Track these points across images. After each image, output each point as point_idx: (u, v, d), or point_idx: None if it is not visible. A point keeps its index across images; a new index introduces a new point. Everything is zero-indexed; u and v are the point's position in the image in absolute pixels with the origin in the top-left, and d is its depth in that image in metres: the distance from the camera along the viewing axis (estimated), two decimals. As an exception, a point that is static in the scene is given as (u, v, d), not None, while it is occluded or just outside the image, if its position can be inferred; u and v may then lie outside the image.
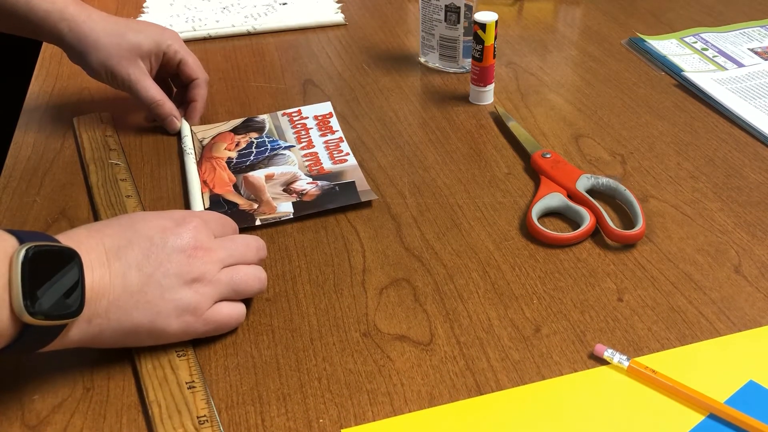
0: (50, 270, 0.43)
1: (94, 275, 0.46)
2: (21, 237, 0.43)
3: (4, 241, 0.43)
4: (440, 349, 0.51)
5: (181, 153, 0.73)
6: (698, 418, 0.46)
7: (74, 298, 0.44)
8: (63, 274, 0.44)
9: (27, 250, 0.42)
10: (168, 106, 0.75)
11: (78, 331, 0.46)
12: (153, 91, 0.74)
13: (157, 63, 0.75)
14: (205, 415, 0.46)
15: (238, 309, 0.52)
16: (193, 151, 0.71)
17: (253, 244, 0.55)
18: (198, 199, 0.65)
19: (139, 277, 0.48)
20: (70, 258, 0.45)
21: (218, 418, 0.47)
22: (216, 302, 0.51)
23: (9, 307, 0.42)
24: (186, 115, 0.77)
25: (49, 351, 0.46)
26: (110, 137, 0.75)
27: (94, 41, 0.72)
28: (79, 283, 0.45)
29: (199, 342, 0.52)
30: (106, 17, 0.74)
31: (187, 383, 0.48)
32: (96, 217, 0.64)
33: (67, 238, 0.47)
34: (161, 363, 0.50)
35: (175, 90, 0.81)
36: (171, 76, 0.79)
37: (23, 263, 0.42)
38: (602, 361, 0.50)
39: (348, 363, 0.50)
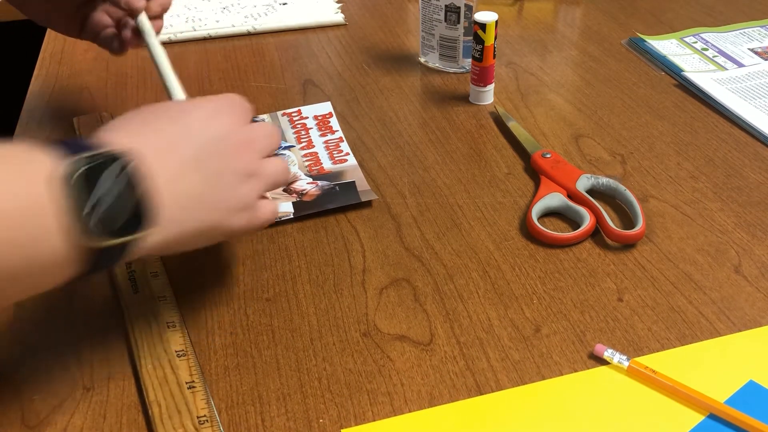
0: (116, 185, 0.40)
1: (158, 182, 0.43)
2: (66, 150, 0.39)
3: (43, 163, 0.39)
4: (440, 349, 0.51)
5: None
6: (698, 418, 0.46)
7: (141, 210, 0.42)
8: (123, 187, 0.41)
9: (79, 170, 0.39)
10: None
11: (151, 239, 0.43)
12: None
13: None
14: (205, 415, 0.46)
15: (275, 205, 0.53)
16: (153, 33, 0.65)
17: (275, 133, 0.54)
18: (176, 85, 0.60)
19: (201, 178, 0.46)
20: (126, 168, 0.41)
21: (218, 418, 0.47)
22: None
23: (72, 233, 0.38)
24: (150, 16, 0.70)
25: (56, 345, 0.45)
26: None
27: None
28: (142, 193, 0.42)
29: (200, 342, 0.52)
30: None
31: (187, 383, 0.48)
32: None
33: (119, 141, 0.43)
34: (161, 363, 0.50)
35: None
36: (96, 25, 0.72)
37: (77, 184, 0.38)
38: (602, 361, 0.50)
39: (348, 363, 0.50)
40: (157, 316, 0.53)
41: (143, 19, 0.68)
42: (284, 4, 1.05)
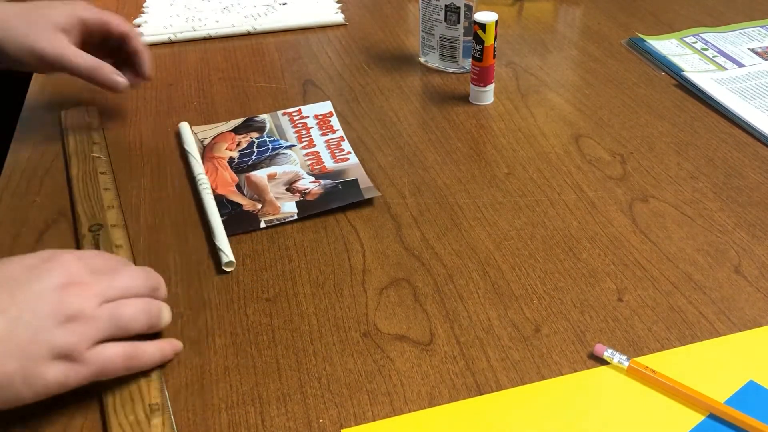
0: None
1: None
2: None
3: None
4: (440, 349, 0.51)
5: (186, 162, 0.73)
6: (698, 418, 0.46)
7: None
8: None
9: None
10: (106, 68, 0.70)
11: None
12: (84, 57, 0.68)
13: (79, 35, 0.70)
14: (157, 403, 0.47)
15: (126, 349, 0.47)
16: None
17: (140, 275, 0.50)
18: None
19: (6, 321, 0.43)
20: None
21: (170, 407, 0.47)
22: (98, 342, 0.45)
23: None
24: (139, 70, 0.73)
25: None
26: (95, 131, 0.75)
27: (4, 27, 0.66)
28: None
29: (200, 342, 0.52)
30: (11, 3, 0.68)
31: (142, 372, 0.49)
32: (73, 209, 0.64)
33: None
34: None
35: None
36: (99, 43, 0.73)
37: None
38: (602, 361, 0.50)
39: (348, 363, 0.50)
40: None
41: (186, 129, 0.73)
42: (284, 4, 1.05)
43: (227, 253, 0.58)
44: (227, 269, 0.58)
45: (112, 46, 0.74)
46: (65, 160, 0.72)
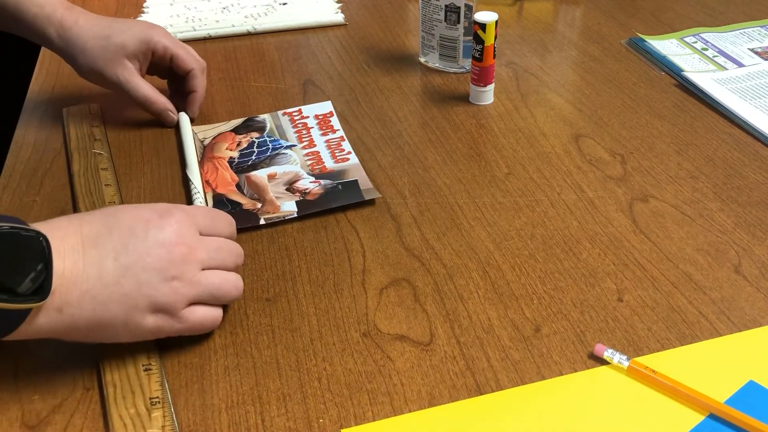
0: (17, 253, 0.42)
1: (66, 262, 0.45)
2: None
3: None
4: (440, 349, 0.51)
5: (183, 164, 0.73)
6: (698, 418, 0.46)
7: (40, 283, 0.43)
8: (30, 257, 0.42)
9: None
10: (161, 101, 0.76)
11: (48, 320, 0.45)
12: (144, 89, 0.75)
13: (146, 61, 0.76)
14: (157, 397, 0.47)
15: (213, 313, 0.51)
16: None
17: (234, 250, 0.53)
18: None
19: (116, 267, 0.46)
20: (38, 242, 0.43)
21: (170, 400, 0.47)
22: (192, 303, 0.50)
23: None
24: (186, 107, 0.78)
25: (35, 341, 0.45)
26: (96, 128, 0.76)
27: (81, 46, 0.73)
28: (47, 267, 0.43)
29: (199, 341, 0.52)
30: (93, 20, 0.74)
31: (143, 366, 0.49)
32: (74, 205, 0.65)
33: (45, 225, 0.46)
34: (121, 347, 0.50)
35: (171, 85, 0.81)
36: (166, 70, 0.79)
37: None
38: (602, 361, 0.50)
39: (348, 363, 0.50)
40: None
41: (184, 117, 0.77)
42: (284, 4, 1.05)
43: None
44: None
45: (178, 74, 0.79)
46: (67, 156, 0.72)
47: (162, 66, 0.78)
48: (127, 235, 0.48)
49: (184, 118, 0.77)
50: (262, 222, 0.63)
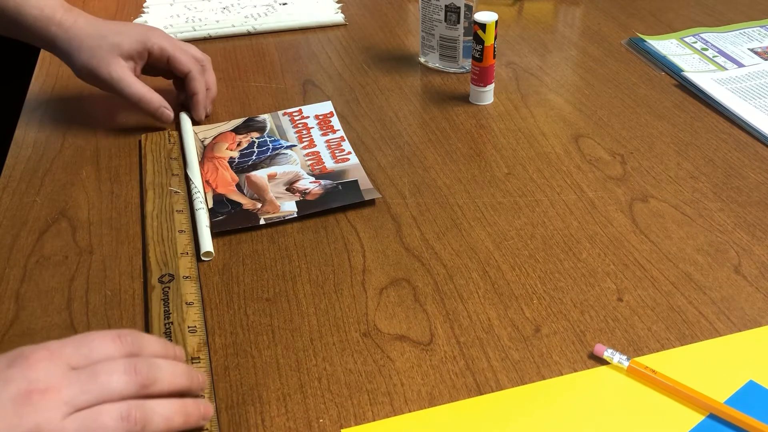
0: None
1: None
2: None
3: None
4: (440, 349, 0.51)
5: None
6: (698, 418, 0.46)
7: None
8: None
9: None
10: (155, 99, 0.74)
11: None
12: (136, 86, 0.74)
13: (141, 61, 0.75)
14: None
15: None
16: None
17: (129, 368, 0.41)
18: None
19: None
20: None
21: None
22: None
23: None
24: (191, 110, 0.77)
25: None
26: (174, 160, 0.71)
27: (77, 44, 0.73)
28: None
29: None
30: (92, 21, 0.74)
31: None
32: (144, 252, 0.60)
33: None
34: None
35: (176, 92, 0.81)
36: (167, 72, 0.79)
37: None
38: (602, 361, 0.50)
39: (348, 363, 0.50)
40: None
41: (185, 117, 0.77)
42: (284, 4, 1.05)
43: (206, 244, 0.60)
44: (205, 258, 0.59)
45: (177, 76, 0.78)
46: (141, 192, 0.67)
47: (161, 68, 0.78)
48: None
49: (184, 119, 0.77)
50: (262, 222, 0.63)
